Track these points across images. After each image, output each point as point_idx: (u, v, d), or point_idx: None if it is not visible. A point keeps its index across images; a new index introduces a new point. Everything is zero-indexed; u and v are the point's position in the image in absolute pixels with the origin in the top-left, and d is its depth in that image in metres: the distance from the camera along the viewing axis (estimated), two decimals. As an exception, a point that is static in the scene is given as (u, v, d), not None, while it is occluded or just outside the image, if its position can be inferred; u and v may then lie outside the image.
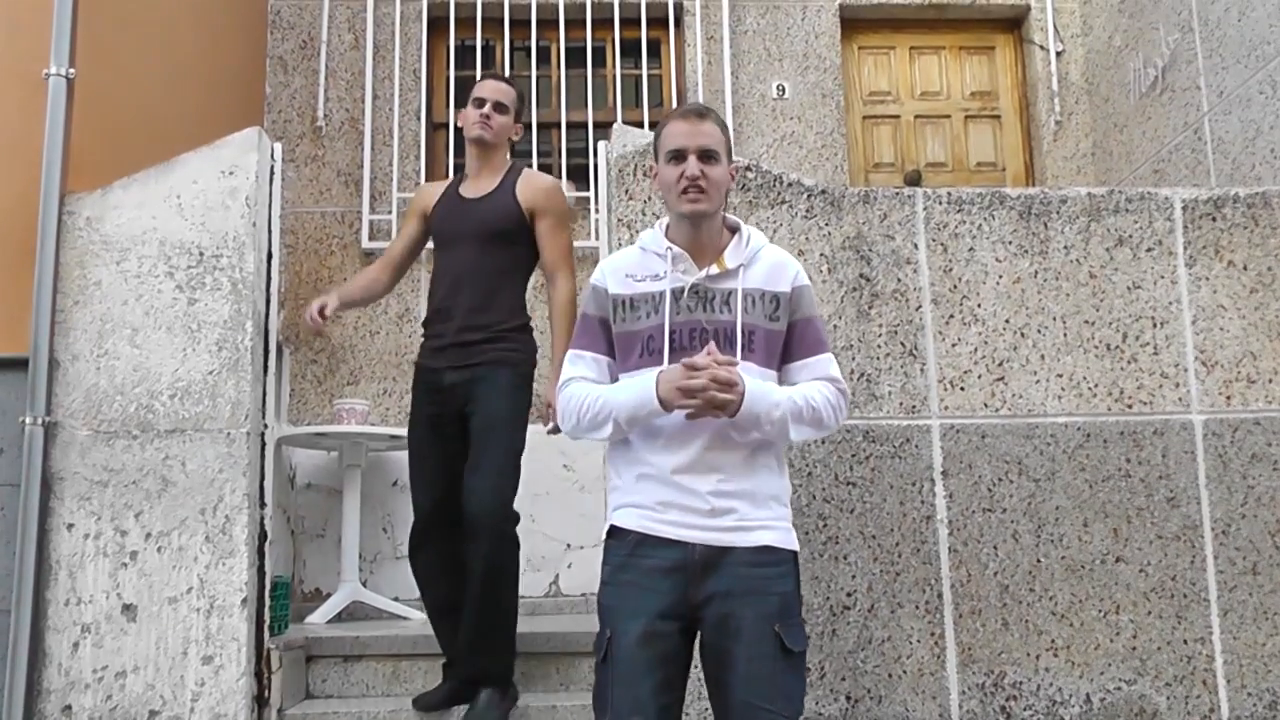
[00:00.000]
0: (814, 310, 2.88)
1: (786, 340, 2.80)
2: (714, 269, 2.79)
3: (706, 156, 2.76)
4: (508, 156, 4.30)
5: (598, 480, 5.53)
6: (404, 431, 4.28)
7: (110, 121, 4.46)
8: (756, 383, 2.65)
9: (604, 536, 2.80)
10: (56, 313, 3.96)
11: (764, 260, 2.84)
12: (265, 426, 4.11)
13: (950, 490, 3.85)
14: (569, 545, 6.14)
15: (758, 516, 2.69)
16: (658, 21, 7.08)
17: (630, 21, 7.02)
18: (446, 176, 6.90)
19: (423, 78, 7.04)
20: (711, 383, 2.56)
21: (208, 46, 5.86)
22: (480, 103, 4.18)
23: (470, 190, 4.21)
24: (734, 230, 2.89)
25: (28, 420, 3.83)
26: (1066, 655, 3.78)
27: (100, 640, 3.81)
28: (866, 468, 3.86)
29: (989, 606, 3.80)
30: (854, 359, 3.92)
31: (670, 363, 2.68)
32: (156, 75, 5.02)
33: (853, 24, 7.33)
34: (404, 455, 4.28)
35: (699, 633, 2.69)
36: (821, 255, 3.97)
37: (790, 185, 4.01)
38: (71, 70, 4.10)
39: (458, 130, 6.90)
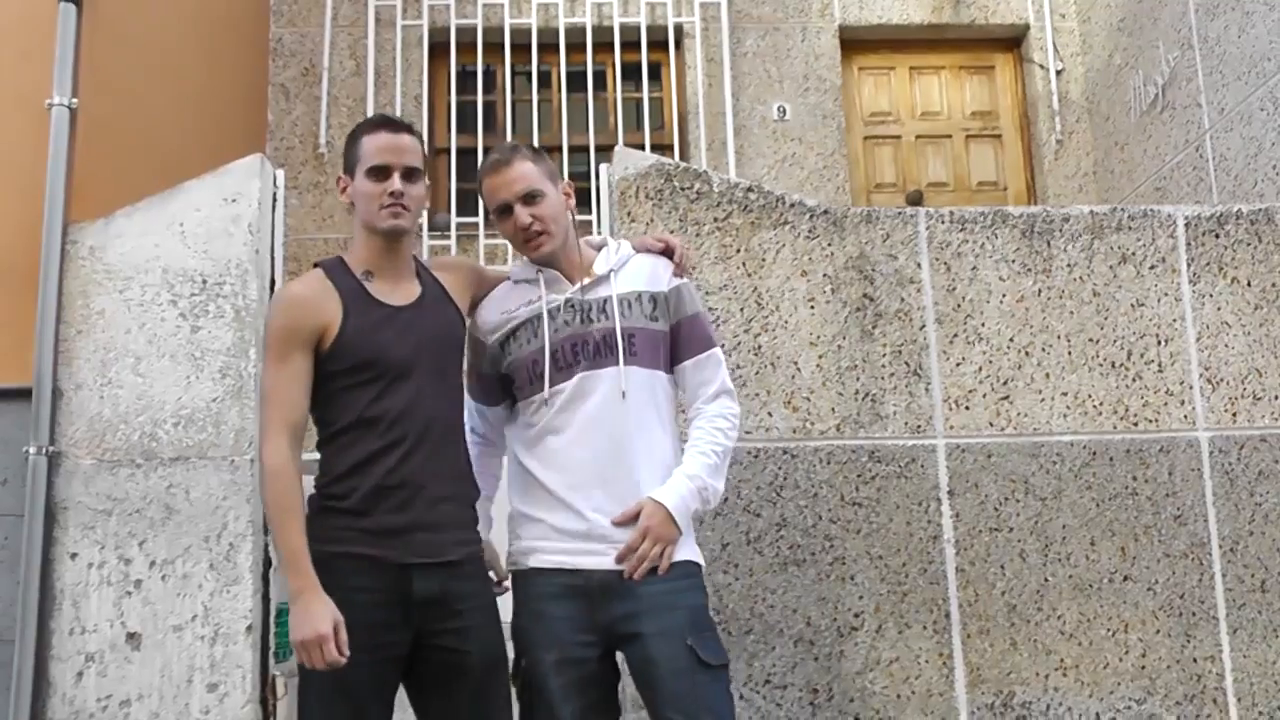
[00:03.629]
0: (697, 307, 2.88)
1: (674, 340, 2.83)
2: (586, 280, 2.81)
3: (530, 199, 2.76)
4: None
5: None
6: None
7: (113, 150, 4.48)
8: (670, 494, 2.68)
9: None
10: (60, 342, 3.95)
11: (636, 263, 2.87)
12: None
13: (957, 510, 3.84)
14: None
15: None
16: (658, 44, 7.11)
17: (631, 44, 7.05)
18: (445, 206, 6.92)
19: (424, 103, 7.07)
20: (650, 554, 2.63)
21: (210, 75, 5.89)
22: (382, 173, 2.73)
23: (393, 293, 2.79)
24: (600, 247, 2.93)
25: (31, 450, 3.81)
26: (1076, 674, 3.76)
27: (104, 669, 3.79)
28: (872, 488, 3.85)
29: (997, 626, 3.77)
30: (858, 379, 3.91)
31: (552, 385, 2.74)
32: (159, 104, 5.04)
33: (852, 45, 7.37)
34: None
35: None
36: (825, 275, 3.97)
37: (792, 206, 4.01)
38: (74, 100, 4.11)
39: (460, 154, 7.04)
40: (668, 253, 2.94)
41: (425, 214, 6.79)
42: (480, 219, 6.69)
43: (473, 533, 2.79)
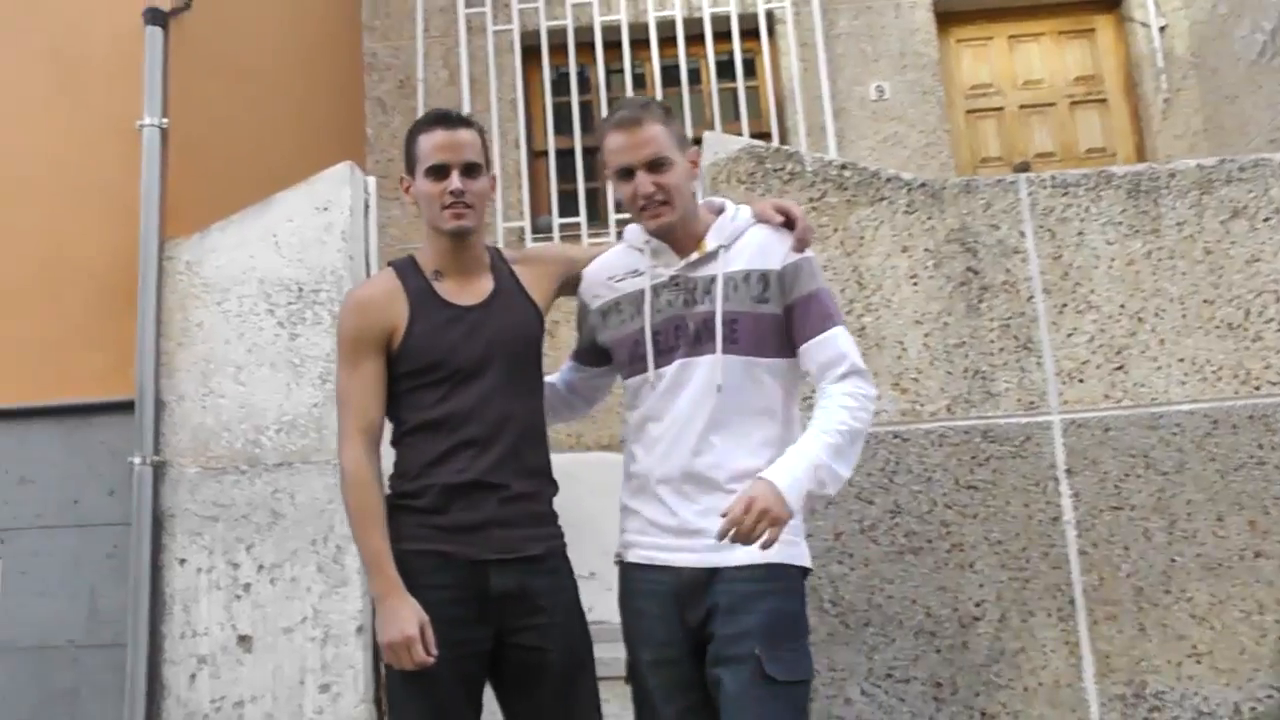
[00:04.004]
0: (816, 283, 2.58)
1: (790, 321, 2.55)
2: (694, 255, 2.60)
3: (656, 165, 2.54)
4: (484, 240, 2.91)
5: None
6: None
7: (207, 168, 4.54)
8: (781, 473, 2.35)
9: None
10: (161, 355, 4.02)
11: (751, 237, 2.61)
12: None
13: (1076, 489, 3.67)
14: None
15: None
16: (750, 33, 7.01)
17: (722, 35, 6.95)
18: (546, 209, 6.90)
19: (520, 107, 7.06)
20: (757, 523, 2.27)
21: (306, 91, 5.95)
22: (441, 171, 2.66)
23: (461, 293, 2.72)
24: (719, 212, 2.68)
25: (136, 460, 3.88)
26: (1210, 661, 3.56)
27: (217, 671, 3.83)
28: (987, 470, 3.70)
29: (1124, 611, 3.59)
30: (967, 356, 3.76)
31: (656, 367, 2.58)
32: (253, 121, 5.10)
33: (948, 17, 7.16)
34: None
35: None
36: (926, 250, 3.84)
37: (889, 180, 3.88)
38: (165, 120, 4.18)
39: (559, 155, 7.04)
40: (788, 224, 2.64)
41: (528, 216, 6.79)
42: (583, 219, 6.66)
43: (554, 528, 2.72)
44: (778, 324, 2.54)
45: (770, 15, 7.03)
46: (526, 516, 2.63)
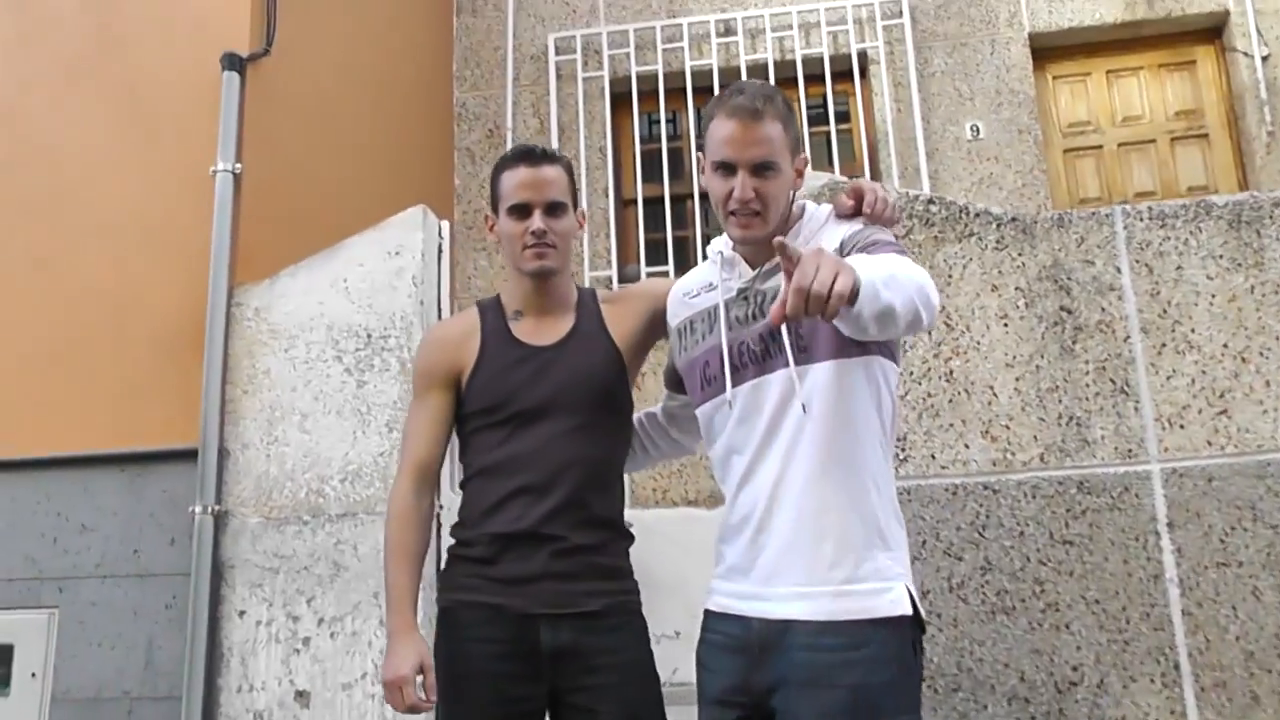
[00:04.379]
0: (878, 237, 2.24)
1: None
2: (766, 265, 2.31)
3: (761, 170, 2.23)
4: (571, 280, 2.76)
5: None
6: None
7: (280, 214, 4.52)
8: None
9: None
10: (226, 403, 3.98)
11: (825, 237, 2.31)
12: (440, 508, 3.99)
13: (1178, 544, 3.39)
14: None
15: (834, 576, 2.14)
16: (843, 76, 6.85)
17: (815, 78, 6.80)
18: (633, 259, 6.79)
19: (609, 155, 6.99)
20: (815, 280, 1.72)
21: (388, 139, 5.94)
22: (523, 211, 2.56)
23: (537, 333, 2.62)
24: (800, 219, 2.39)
25: (197, 509, 3.83)
26: (1334, 732, 3.24)
27: (274, 729, 3.73)
28: (1084, 523, 3.45)
29: (1234, 678, 3.29)
30: (1060, 401, 3.53)
31: (734, 386, 2.27)
32: (330, 167, 5.08)
33: (1044, 53, 6.92)
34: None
35: None
36: (1017, 289, 3.62)
37: (978, 215, 3.68)
38: (238, 165, 4.16)
39: (647, 204, 6.94)
40: (858, 210, 2.36)
41: (615, 265, 6.69)
42: (671, 269, 6.53)
43: (618, 583, 2.54)
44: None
45: (863, 56, 6.87)
46: (586, 569, 2.47)
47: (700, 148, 2.35)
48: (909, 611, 2.15)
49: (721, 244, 2.43)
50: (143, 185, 4.28)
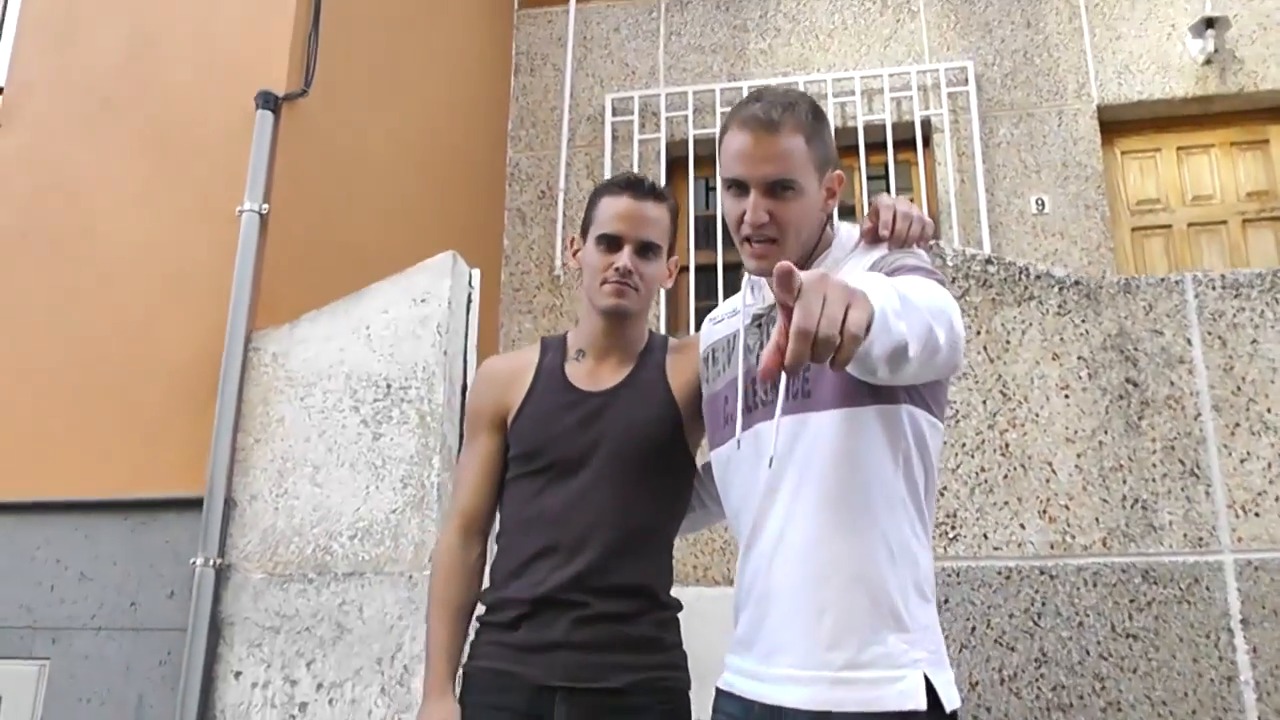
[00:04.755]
0: (908, 263, 1.90)
1: None
2: None
3: (776, 189, 1.93)
4: (646, 326, 2.50)
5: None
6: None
7: (307, 257, 4.38)
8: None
9: None
10: (237, 451, 3.80)
11: (852, 264, 2.00)
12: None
13: (1253, 643, 3.08)
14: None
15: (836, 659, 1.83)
16: (905, 144, 6.64)
17: (876, 145, 6.60)
18: (683, 328, 6.58)
19: (662, 219, 6.81)
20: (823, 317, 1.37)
21: (434, 193, 5.81)
22: (614, 243, 2.33)
23: (594, 377, 2.39)
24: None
25: (198, 561, 3.64)
26: None
27: (265, 803, 3.49)
28: (1149, 616, 3.16)
29: (1317, 794, 2.97)
30: (1124, 481, 3.26)
31: (744, 428, 1.96)
32: (365, 215, 4.94)
33: (1113, 126, 6.67)
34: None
35: None
36: (1080, 358, 3.36)
37: (1038, 278, 3.44)
38: (265, 205, 4.03)
39: (700, 271, 6.72)
40: (878, 229, 2.07)
41: (664, 333, 6.48)
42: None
43: (655, 657, 2.27)
44: None
45: (927, 124, 6.67)
46: (612, 640, 2.21)
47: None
48: (922, 706, 1.81)
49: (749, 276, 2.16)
50: (168, 225, 4.18)
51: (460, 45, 6.46)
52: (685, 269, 6.75)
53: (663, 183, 6.83)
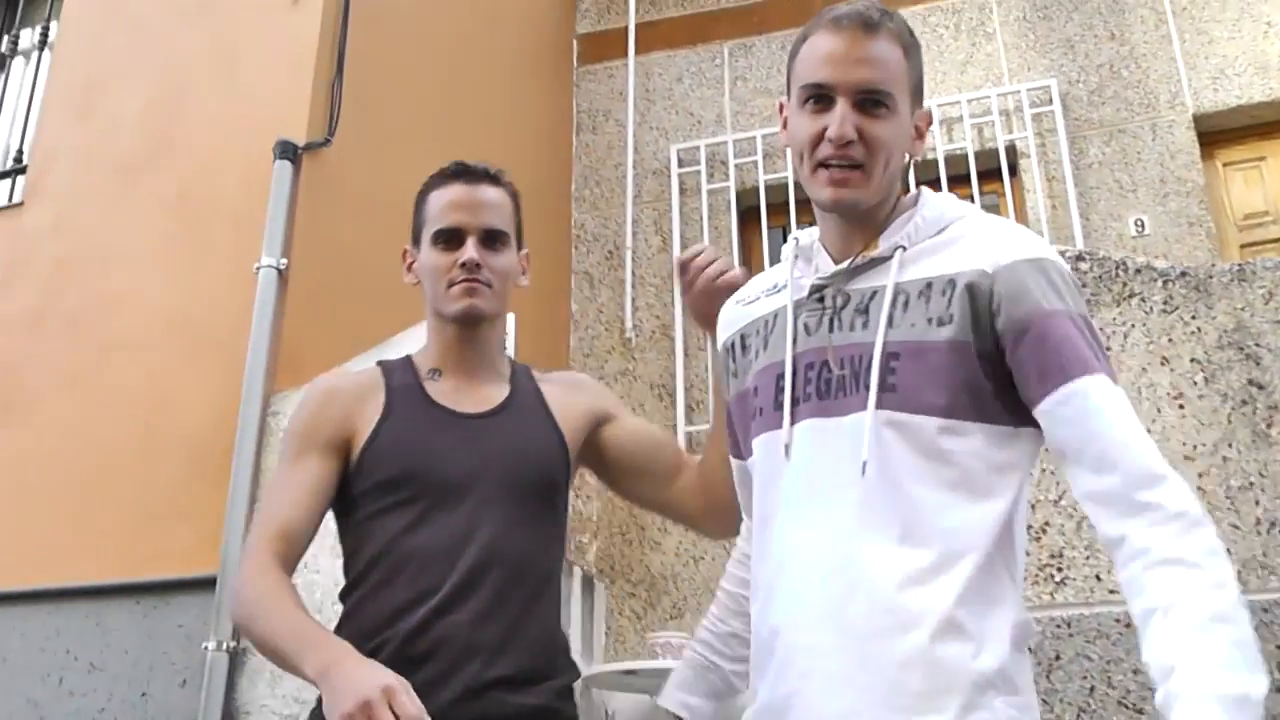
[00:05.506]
0: (1055, 302, 1.49)
1: (1013, 363, 1.49)
2: (859, 258, 1.60)
3: (871, 104, 1.57)
4: (503, 339, 2.22)
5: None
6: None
7: (331, 315, 4.14)
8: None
9: None
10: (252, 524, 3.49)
11: (955, 235, 1.60)
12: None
13: None
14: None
15: None
16: (990, 174, 6.24)
17: (959, 178, 6.20)
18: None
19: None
20: None
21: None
22: (453, 238, 2.01)
23: (461, 398, 2.03)
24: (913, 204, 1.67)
25: (210, 646, 3.33)
26: None
27: None
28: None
29: None
30: (1257, 503, 2.82)
31: (794, 423, 1.56)
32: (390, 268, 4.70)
33: (1212, 136, 6.18)
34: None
35: None
36: (1193, 361, 2.94)
37: (1139, 271, 3.05)
38: (284, 260, 3.81)
39: (778, 325, 6.29)
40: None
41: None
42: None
43: None
44: (968, 362, 1.50)
45: (1012, 150, 6.26)
46: (506, 711, 1.82)
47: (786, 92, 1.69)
48: None
49: (798, 236, 1.75)
50: (189, 288, 4.00)
51: (520, 106, 6.28)
52: (763, 324, 6.40)
53: (734, 234, 6.54)
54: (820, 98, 1.58)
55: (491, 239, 1.99)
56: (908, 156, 1.64)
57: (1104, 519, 1.42)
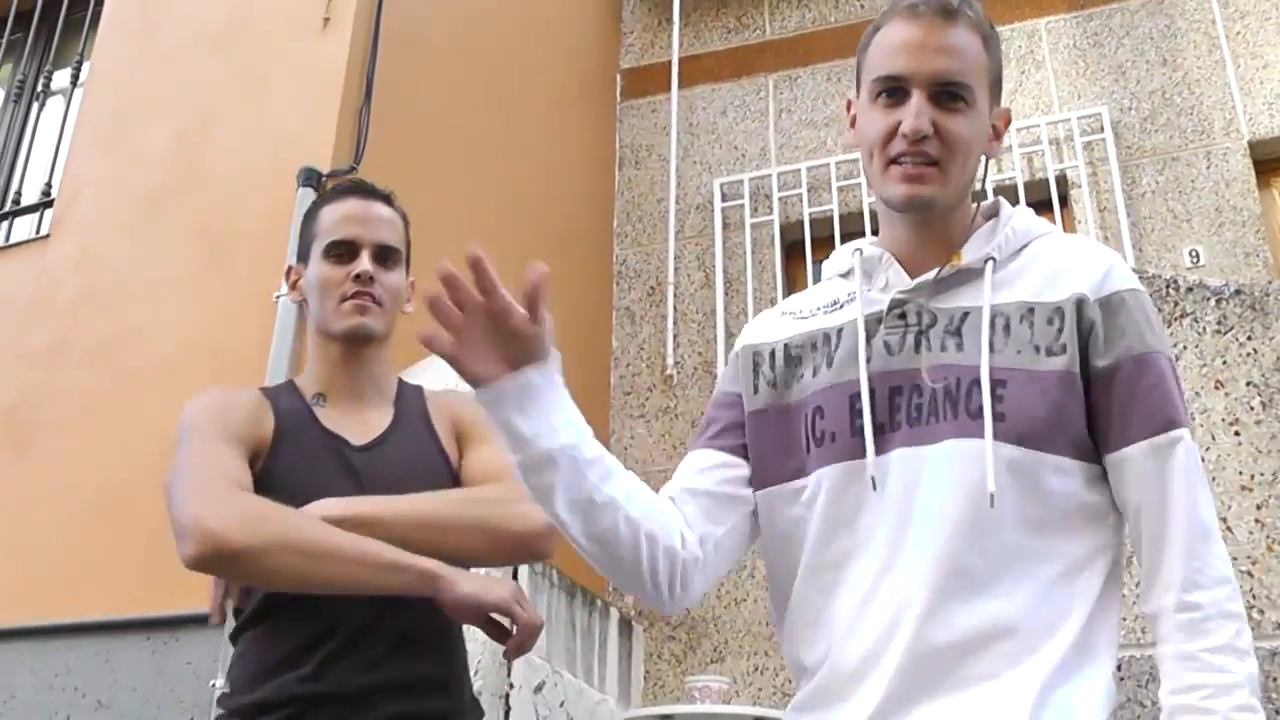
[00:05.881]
0: (1151, 340, 1.43)
1: (1104, 399, 1.42)
2: (944, 270, 1.50)
3: (949, 94, 1.48)
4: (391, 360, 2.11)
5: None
6: (776, 714, 3.15)
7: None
8: None
9: None
10: (266, 555, 3.40)
11: (1041, 254, 1.51)
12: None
13: None
14: None
15: None
16: (1041, 205, 6.06)
17: (1008, 212, 6.04)
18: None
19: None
20: None
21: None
22: (346, 251, 1.95)
23: (348, 424, 1.94)
24: (992, 216, 1.58)
25: (218, 684, 3.21)
26: None
27: None
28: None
29: None
30: (1320, 537, 2.60)
31: (879, 454, 1.43)
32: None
33: (1269, 164, 6.00)
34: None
35: None
36: (1249, 385, 2.79)
37: (1190, 290, 2.92)
38: (303, 291, 3.72)
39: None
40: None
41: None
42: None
43: None
44: (1076, 396, 1.42)
45: (1063, 179, 6.10)
46: None
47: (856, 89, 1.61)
48: None
49: (840, 260, 1.65)
50: (212, 318, 3.97)
51: (561, 140, 6.25)
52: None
53: (779, 269, 6.40)
54: (894, 90, 1.50)
55: (384, 255, 1.96)
56: (984, 157, 1.55)
57: (1179, 594, 1.37)
